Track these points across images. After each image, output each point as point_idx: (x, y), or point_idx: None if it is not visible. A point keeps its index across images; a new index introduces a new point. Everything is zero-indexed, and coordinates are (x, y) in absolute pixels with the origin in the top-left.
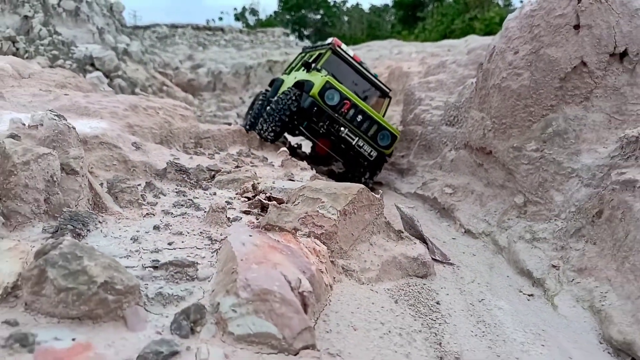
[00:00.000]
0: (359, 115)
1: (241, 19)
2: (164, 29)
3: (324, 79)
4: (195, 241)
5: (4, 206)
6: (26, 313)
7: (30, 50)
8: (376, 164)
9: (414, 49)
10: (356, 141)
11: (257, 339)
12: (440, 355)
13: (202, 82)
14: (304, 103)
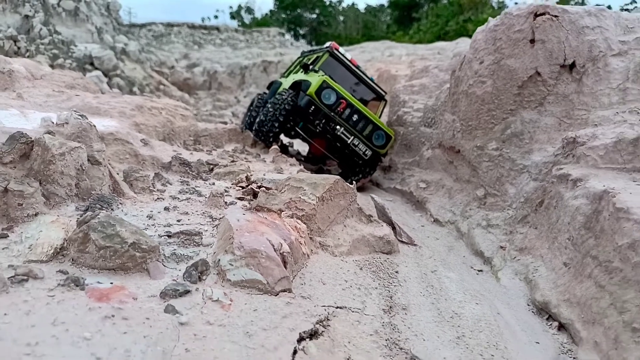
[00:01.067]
0: (354, 115)
1: (237, 17)
2: (159, 27)
3: (321, 79)
4: (199, 219)
5: (45, 189)
6: (73, 266)
7: (31, 49)
8: (370, 163)
9: (404, 52)
10: (351, 140)
11: (248, 284)
12: (390, 305)
13: (198, 81)
14: (300, 101)
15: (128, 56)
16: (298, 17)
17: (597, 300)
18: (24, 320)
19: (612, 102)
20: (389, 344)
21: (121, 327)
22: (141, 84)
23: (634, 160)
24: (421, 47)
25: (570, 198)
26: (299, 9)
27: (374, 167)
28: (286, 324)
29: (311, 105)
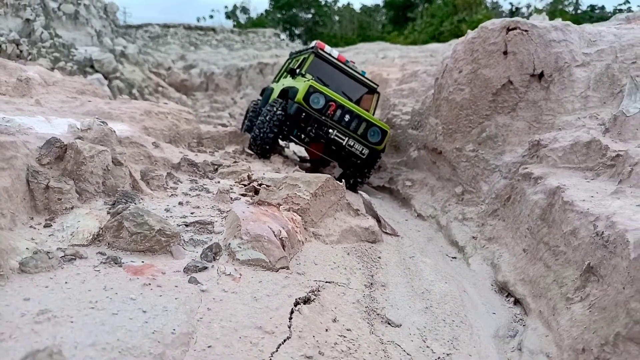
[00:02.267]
0: (346, 115)
1: (232, 17)
2: (156, 28)
3: (307, 84)
4: (209, 212)
5: (77, 186)
6: (109, 249)
7: (33, 52)
8: (369, 161)
9: (398, 54)
10: (346, 141)
11: (254, 262)
12: (371, 282)
13: (195, 82)
14: (290, 110)
15: (127, 59)
16: (293, 17)
17: (544, 278)
18: (81, 286)
19: (575, 108)
20: (368, 310)
21: (157, 292)
22: (140, 86)
23: (587, 160)
24: (414, 49)
25: (531, 194)
26: (294, 9)
27: (373, 165)
28: (285, 292)
29: (301, 112)
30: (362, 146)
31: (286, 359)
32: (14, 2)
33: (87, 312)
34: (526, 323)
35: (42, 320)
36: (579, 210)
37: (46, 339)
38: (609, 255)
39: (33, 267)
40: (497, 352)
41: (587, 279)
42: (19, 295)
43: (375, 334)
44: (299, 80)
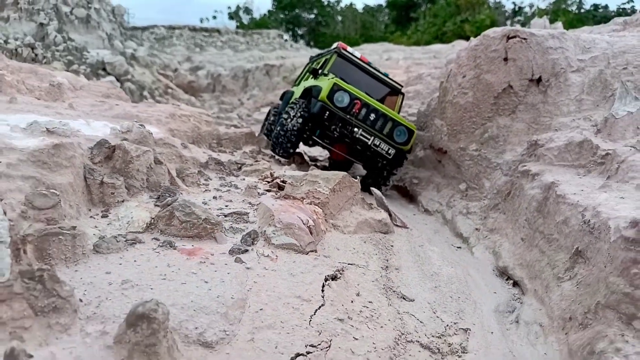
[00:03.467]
0: (371, 114)
1: (235, 17)
2: (161, 30)
3: (331, 81)
4: (241, 204)
5: (126, 182)
6: (162, 235)
7: (47, 56)
8: (395, 161)
9: (402, 55)
10: (372, 140)
11: (287, 246)
12: (386, 265)
13: (202, 83)
14: (313, 108)
15: (137, 61)
16: (296, 17)
17: (539, 262)
18: (148, 264)
19: (570, 110)
20: (385, 287)
21: (212, 268)
22: (150, 87)
23: (579, 158)
24: (418, 50)
25: (529, 189)
26: (297, 9)
27: (399, 165)
28: (315, 270)
29: (325, 111)
30: (388, 146)
31: (323, 320)
32: (28, 7)
33: (160, 282)
34: (523, 300)
35: (128, 287)
36: (570, 202)
37: (135, 300)
38: (594, 240)
39: (105, 248)
40: (498, 323)
41: (575, 261)
42: (101, 270)
43: (393, 306)
44: (322, 79)
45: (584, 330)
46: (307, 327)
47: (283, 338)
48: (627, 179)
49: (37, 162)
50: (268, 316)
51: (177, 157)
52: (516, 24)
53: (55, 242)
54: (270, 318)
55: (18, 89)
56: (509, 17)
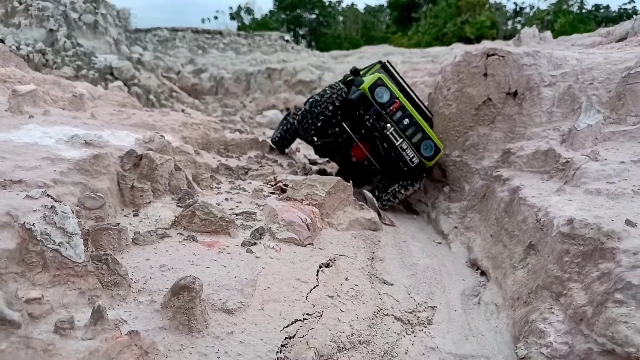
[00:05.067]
0: (405, 119)
1: (237, 18)
2: (164, 32)
3: (377, 75)
4: (249, 205)
5: (152, 186)
6: (185, 230)
7: (57, 61)
8: (415, 174)
9: (400, 59)
10: (400, 143)
11: (289, 240)
12: (372, 257)
13: (205, 86)
14: (352, 95)
15: (143, 66)
16: (297, 17)
17: (502, 254)
18: (177, 253)
19: (542, 121)
20: (370, 274)
21: (229, 256)
22: (156, 91)
23: (545, 165)
24: (417, 53)
25: (499, 192)
26: (299, 10)
27: (418, 179)
28: (312, 259)
29: (363, 100)
30: (414, 153)
31: (316, 296)
32: (38, 13)
33: (190, 266)
34: (486, 286)
35: (165, 270)
36: (528, 204)
37: (172, 279)
38: (543, 236)
39: (142, 241)
40: (462, 304)
41: (528, 253)
42: (141, 257)
43: (375, 288)
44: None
45: (525, 307)
46: (304, 301)
47: (285, 308)
48: (579, 183)
49: (81, 170)
50: (274, 293)
51: (191, 163)
52: (517, 24)
53: (105, 235)
54: (275, 294)
55: (45, 99)
56: (510, 17)
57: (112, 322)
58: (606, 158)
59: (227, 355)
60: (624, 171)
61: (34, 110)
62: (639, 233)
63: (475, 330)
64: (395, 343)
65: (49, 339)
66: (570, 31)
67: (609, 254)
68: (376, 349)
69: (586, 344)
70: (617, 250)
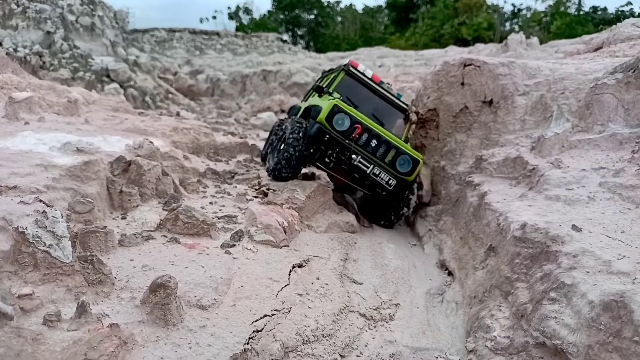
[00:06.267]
0: (373, 140)
1: (235, 18)
2: (162, 33)
3: (332, 103)
4: (232, 209)
5: (140, 191)
6: (169, 233)
7: (54, 63)
8: (396, 194)
9: (395, 62)
10: (371, 169)
11: (265, 242)
12: (346, 258)
13: (202, 87)
14: (310, 130)
15: (140, 67)
16: (296, 17)
17: (466, 256)
18: (160, 254)
19: (515, 129)
20: (341, 274)
21: (207, 257)
22: (152, 93)
23: (513, 172)
24: (412, 56)
25: (470, 196)
26: (297, 10)
27: (401, 198)
28: (286, 260)
29: (323, 134)
30: (389, 176)
31: (286, 294)
32: (35, 16)
33: (170, 266)
34: (451, 286)
35: (147, 269)
36: (492, 209)
37: (153, 278)
38: (502, 239)
39: (127, 242)
40: (425, 301)
41: (488, 255)
42: (126, 257)
43: (344, 287)
44: (325, 99)
45: (479, 305)
46: (274, 299)
47: (256, 305)
48: (541, 190)
49: (72, 176)
50: (246, 291)
51: (179, 167)
52: (515, 25)
53: (93, 237)
54: (248, 292)
55: (40, 105)
56: (508, 18)
57: (95, 315)
58: (569, 165)
59: (198, 345)
60: (583, 178)
61: (30, 117)
62: (582, 237)
63: (433, 326)
64: (356, 337)
65: (38, 329)
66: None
67: (552, 257)
68: (338, 342)
69: (524, 338)
70: (559, 253)
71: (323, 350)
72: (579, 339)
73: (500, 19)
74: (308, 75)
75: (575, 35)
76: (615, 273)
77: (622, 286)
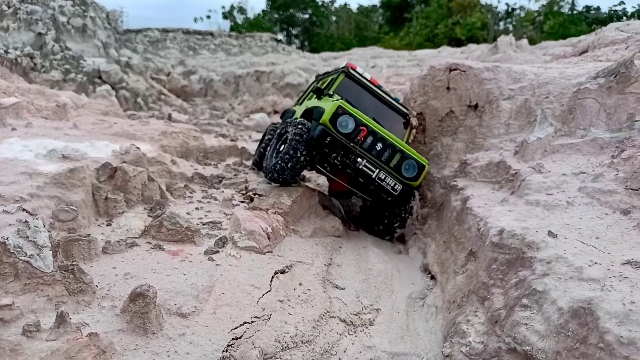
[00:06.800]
0: (378, 143)
1: (229, 17)
2: (155, 33)
3: (336, 104)
4: (217, 214)
5: (125, 197)
6: (153, 239)
7: (46, 65)
8: (401, 200)
9: (387, 63)
10: (376, 173)
11: (249, 248)
12: (330, 263)
13: (195, 88)
14: (313, 132)
15: (132, 69)
16: (290, 17)
17: (448, 260)
18: (143, 261)
19: (500, 133)
20: (324, 279)
21: (190, 264)
22: (144, 94)
23: (497, 176)
24: (405, 56)
25: (454, 200)
26: (292, 9)
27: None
28: (269, 266)
29: (326, 136)
30: (394, 181)
31: (267, 301)
32: (26, 17)
33: (152, 274)
34: (432, 290)
35: (129, 278)
36: (474, 214)
37: (134, 286)
38: (481, 244)
39: (111, 250)
40: (406, 306)
41: (468, 259)
42: (109, 266)
43: (327, 292)
44: (326, 101)
45: (457, 310)
46: (255, 306)
47: (236, 312)
48: (522, 194)
49: (57, 184)
50: (227, 298)
51: (167, 172)
52: (509, 25)
53: (76, 245)
54: (228, 299)
55: (29, 109)
56: (502, 18)
57: (74, 325)
58: (550, 170)
59: (177, 354)
60: (564, 183)
61: (17, 122)
62: (557, 244)
63: (412, 331)
64: (336, 342)
65: (17, 340)
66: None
67: (527, 263)
68: (317, 348)
69: (497, 343)
70: (534, 259)
71: (302, 357)
72: (548, 345)
73: (494, 18)
74: (301, 76)
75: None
76: (585, 280)
77: (591, 293)
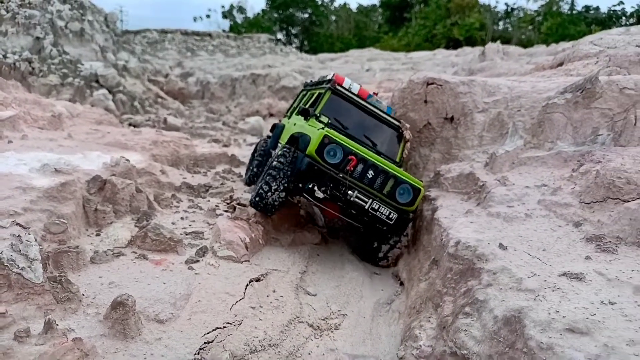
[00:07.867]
0: (369, 171)
1: (229, 17)
2: (154, 34)
3: (322, 133)
4: (201, 224)
5: (114, 208)
6: (139, 249)
7: (44, 69)
8: (397, 228)
9: (382, 66)
10: (370, 204)
11: (227, 257)
12: (305, 270)
13: (192, 90)
14: (299, 164)
15: (129, 72)
16: (290, 16)
17: (416, 267)
18: (128, 270)
19: (474, 144)
20: (297, 286)
21: (170, 273)
22: (141, 98)
23: (466, 187)
24: (401, 58)
25: (425, 210)
26: (291, 9)
27: (402, 231)
28: (245, 274)
29: (313, 169)
30: (389, 209)
31: (240, 307)
32: (24, 21)
33: (134, 283)
34: (399, 296)
35: (112, 287)
36: (439, 224)
37: (117, 294)
38: (443, 252)
39: (98, 260)
40: (373, 311)
41: (431, 268)
42: (95, 275)
43: (298, 299)
44: (313, 124)
45: (415, 315)
46: (228, 312)
47: (210, 318)
48: (486, 206)
49: (49, 197)
50: (203, 305)
51: (155, 182)
52: (508, 25)
53: (65, 257)
54: (204, 306)
55: (25, 120)
56: (501, 18)
57: (61, 330)
58: (514, 182)
59: (153, 356)
60: (525, 195)
61: (13, 135)
62: (505, 255)
63: (375, 335)
64: (301, 346)
65: (9, 344)
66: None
67: (476, 273)
68: (283, 351)
69: (443, 347)
70: (482, 270)
71: (268, 359)
72: (482, 349)
73: (492, 19)
74: (296, 79)
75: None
76: (523, 290)
77: (524, 302)
